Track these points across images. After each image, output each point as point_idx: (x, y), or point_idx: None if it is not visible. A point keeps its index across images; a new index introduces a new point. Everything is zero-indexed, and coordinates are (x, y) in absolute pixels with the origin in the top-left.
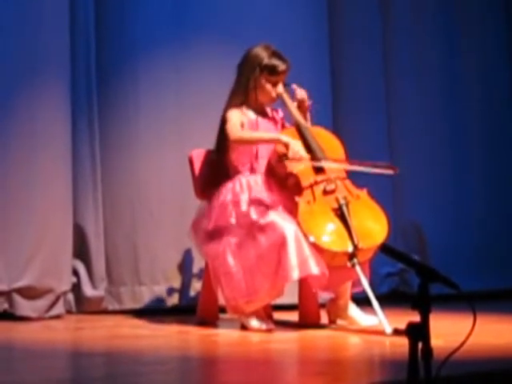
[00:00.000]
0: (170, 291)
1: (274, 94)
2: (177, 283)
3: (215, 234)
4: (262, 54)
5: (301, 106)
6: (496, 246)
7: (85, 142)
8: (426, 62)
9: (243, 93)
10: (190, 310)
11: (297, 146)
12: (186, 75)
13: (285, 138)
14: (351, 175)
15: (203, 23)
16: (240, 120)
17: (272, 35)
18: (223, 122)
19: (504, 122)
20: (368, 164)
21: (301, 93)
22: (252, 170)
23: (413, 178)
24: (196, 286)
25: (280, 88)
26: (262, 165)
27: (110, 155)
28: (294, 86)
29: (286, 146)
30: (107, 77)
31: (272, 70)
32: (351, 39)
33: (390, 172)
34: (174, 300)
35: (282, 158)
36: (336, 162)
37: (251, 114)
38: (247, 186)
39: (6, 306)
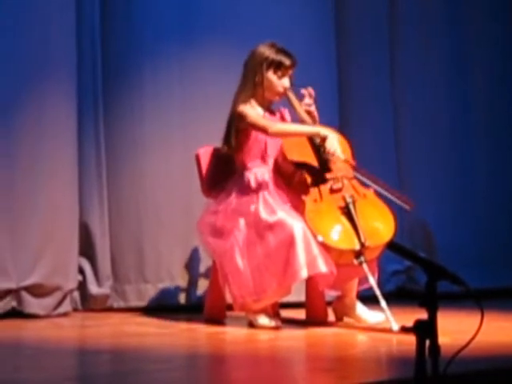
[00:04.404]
0: (176, 290)
1: (280, 88)
2: (183, 282)
3: (223, 231)
4: (268, 50)
5: (309, 115)
6: (503, 244)
7: (91, 142)
8: (433, 61)
9: (250, 88)
10: (195, 308)
11: (334, 141)
12: (192, 75)
13: (323, 131)
14: None
15: (210, 24)
16: (256, 112)
17: (278, 35)
18: (238, 118)
19: (511, 122)
20: (387, 189)
21: (310, 104)
22: (264, 161)
23: (420, 177)
24: (202, 284)
25: (286, 82)
26: (269, 161)
27: (116, 154)
28: (305, 93)
29: (323, 139)
30: (113, 77)
31: (278, 65)
32: (358, 35)
33: (405, 206)
34: (180, 299)
35: (317, 148)
36: (365, 178)
37: (259, 110)
38: (255, 182)
39: (14, 303)
